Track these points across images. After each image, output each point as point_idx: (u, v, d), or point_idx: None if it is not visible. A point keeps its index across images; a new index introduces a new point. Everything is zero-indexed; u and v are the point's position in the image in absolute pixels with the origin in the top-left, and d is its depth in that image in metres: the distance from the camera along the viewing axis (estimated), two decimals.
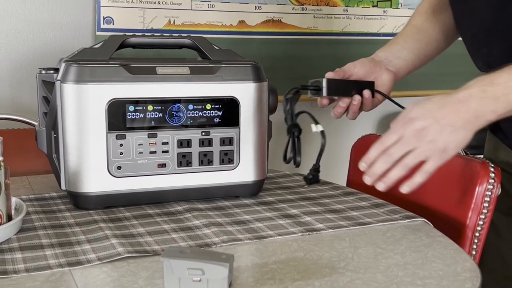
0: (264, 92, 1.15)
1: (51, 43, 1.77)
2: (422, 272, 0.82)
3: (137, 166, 1.07)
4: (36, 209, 1.07)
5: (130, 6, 1.81)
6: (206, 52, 1.17)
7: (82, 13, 1.79)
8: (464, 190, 1.13)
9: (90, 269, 0.81)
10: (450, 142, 0.93)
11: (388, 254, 0.88)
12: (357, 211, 1.09)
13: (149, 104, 1.06)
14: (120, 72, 1.05)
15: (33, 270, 0.80)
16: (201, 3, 1.89)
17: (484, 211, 1.11)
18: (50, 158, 1.12)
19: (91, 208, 1.07)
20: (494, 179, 1.11)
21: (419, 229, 1.00)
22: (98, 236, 0.93)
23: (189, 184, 1.11)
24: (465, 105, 0.92)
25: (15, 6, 1.72)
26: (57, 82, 1.05)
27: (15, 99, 1.76)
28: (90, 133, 1.04)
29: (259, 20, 1.99)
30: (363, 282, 0.78)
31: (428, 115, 0.94)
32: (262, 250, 0.90)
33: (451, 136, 0.93)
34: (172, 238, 0.93)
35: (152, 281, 0.78)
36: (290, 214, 1.06)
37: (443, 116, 0.93)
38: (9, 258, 0.84)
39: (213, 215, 1.05)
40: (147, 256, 0.86)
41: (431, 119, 0.93)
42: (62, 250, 0.87)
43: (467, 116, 0.92)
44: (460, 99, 0.92)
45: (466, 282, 0.79)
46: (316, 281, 0.78)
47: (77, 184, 1.06)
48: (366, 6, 2.16)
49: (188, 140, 1.10)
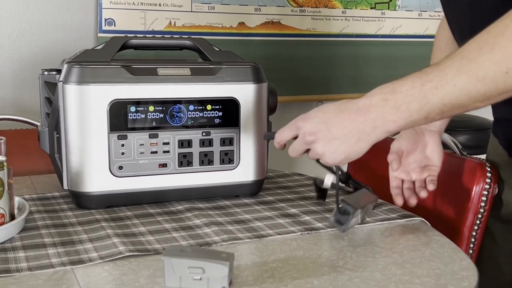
0: (264, 93, 1.15)
1: (53, 44, 1.77)
2: (420, 270, 0.82)
3: (138, 166, 1.07)
4: (38, 208, 1.07)
5: (131, 8, 1.81)
6: (206, 53, 1.17)
7: (84, 15, 1.79)
8: (462, 190, 1.13)
9: (92, 268, 0.81)
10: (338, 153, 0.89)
11: (386, 253, 0.88)
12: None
13: (150, 104, 1.06)
14: (122, 73, 1.04)
15: (36, 268, 0.80)
16: (201, 5, 1.89)
17: (481, 211, 1.11)
18: (52, 158, 1.12)
19: (93, 207, 1.07)
20: (491, 179, 1.11)
21: (417, 228, 1.00)
22: (100, 235, 0.93)
23: (189, 184, 1.11)
24: (364, 114, 0.85)
25: (18, 8, 1.72)
26: (59, 83, 1.05)
27: (18, 99, 1.76)
28: (92, 134, 1.04)
29: (258, 22, 1.99)
30: (361, 281, 0.78)
31: (322, 119, 0.89)
32: (262, 249, 0.90)
33: (340, 147, 0.88)
34: (173, 237, 0.93)
35: (153, 279, 0.78)
36: (289, 213, 1.06)
37: (336, 123, 0.88)
38: (12, 257, 0.84)
39: (214, 214, 1.05)
40: (148, 255, 0.86)
41: (323, 125, 0.89)
42: (64, 249, 0.87)
43: (363, 127, 0.86)
44: (360, 107, 0.86)
45: (463, 281, 0.79)
46: (315, 280, 0.78)
47: (79, 183, 1.05)
48: (364, 8, 2.16)
49: (188, 140, 1.10)
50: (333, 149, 0.89)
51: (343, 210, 0.87)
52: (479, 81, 0.77)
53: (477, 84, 0.77)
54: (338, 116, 0.88)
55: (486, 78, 0.77)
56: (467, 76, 0.78)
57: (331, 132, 0.88)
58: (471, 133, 1.86)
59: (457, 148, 1.48)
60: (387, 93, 0.84)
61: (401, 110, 0.82)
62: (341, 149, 0.88)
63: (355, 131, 0.86)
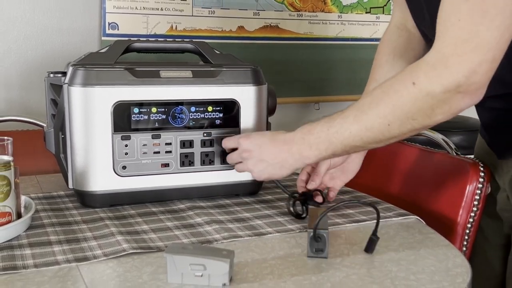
0: (263, 95, 1.14)
1: (59, 48, 1.77)
2: (415, 267, 0.82)
3: (141, 166, 1.07)
4: (44, 207, 1.06)
5: (134, 13, 1.80)
6: (207, 56, 1.17)
7: (88, 19, 1.79)
8: (455, 189, 1.13)
9: (97, 265, 0.81)
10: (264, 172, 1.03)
11: (382, 250, 0.88)
12: (352, 209, 1.08)
13: (153, 106, 1.06)
14: (125, 76, 1.04)
15: (42, 265, 0.79)
16: (202, 10, 1.89)
17: (474, 209, 1.10)
18: (58, 158, 1.12)
19: (97, 206, 1.06)
20: (483, 178, 1.11)
21: (412, 226, 1.00)
22: (104, 233, 0.93)
23: (191, 183, 1.11)
24: (288, 146, 0.99)
25: (25, 12, 1.72)
26: (64, 85, 1.04)
27: (25, 101, 1.75)
28: (96, 134, 1.03)
29: (257, 26, 1.98)
30: (358, 278, 0.78)
31: (258, 141, 1.02)
32: (261, 247, 0.89)
33: (267, 169, 1.02)
34: (175, 235, 0.93)
35: (155, 276, 0.77)
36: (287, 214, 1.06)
37: (267, 149, 1.01)
38: (19, 254, 0.83)
39: (214, 212, 1.05)
40: (151, 252, 0.85)
41: (257, 146, 1.02)
42: (69, 247, 0.87)
43: (286, 156, 0.99)
44: (286, 140, 1.00)
45: (457, 277, 0.79)
46: (313, 276, 0.78)
47: (84, 183, 1.05)
48: (360, 13, 2.16)
49: (190, 140, 1.09)
50: (260, 168, 1.02)
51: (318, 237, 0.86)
52: (368, 130, 0.90)
53: (367, 132, 0.90)
54: (270, 143, 1.02)
55: (374, 128, 0.89)
56: (359, 126, 0.91)
57: (262, 154, 1.02)
58: (464, 133, 1.85)
59: (451, 148, 1.48)
60: (305, 133, 0.98)
61: (313, 149, 0.96)
62: (267, 170, 1.02)
63: (279, 158, 1.00)
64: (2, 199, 0.88)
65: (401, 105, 0.86)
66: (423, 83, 0.83)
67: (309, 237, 0.85)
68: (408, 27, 1.18)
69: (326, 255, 0.85)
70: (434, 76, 0.82)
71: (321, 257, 0.85)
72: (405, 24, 1.19)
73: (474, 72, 0.80)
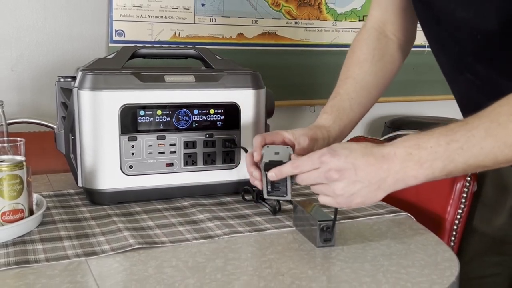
0: (262, 98, 1.14)
1: (68, 53, 1.76)
2: (405, 261, 0.81)
3: (147, 165, 1.06)
4: (55, 204, 1.06)
5: (139, 20, 1.80)
6: (209, 61, 1.17)
7: (96, 27, 1.79)
8: (444, 187, 1.13)
9: (105, 259, 0.80)
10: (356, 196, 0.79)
11: (375, 245, 0.88)
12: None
13: (158, 109, 1.06)
14: (132, 80, 1.04)
15: (53, 259, 0.79)
16: (204, 18, 1.89)
17: (462, 206, 1.10)
18: (68, 158, 1.12)
19: (105, 203, 1.06)
20: (470, 176, 1.10)
21: (403, 222, 1.00)
22: (112, 229, 0.93)
23: (194, 182, 1.11)
24: (388, 163, 0.77)
25: (37, 20, 1.72)
26: (74, 89, 1.04)
27: (36, 104, 1.75)
28: (104, 135, 1.03)
29: (256, 33, 1.98)
30: (352, 271, 0.78)
31: (351, 159, 0.78)
32: (261, 242, 0.89)
33: (360, 192, 0.78)
34: (179, 231, 0.93)
35: (160, 269, 0.77)
36: (286, 209, 1.06)
37: (363, 166, 0.77)
38: (31, 248, 0.83)
39: (216, 210, 1.05)
40: (156, 247, 0.85)
41: (351, 165, 0.77)
42: (79, 242, 0.86)
43: (386, 176, 0.77)
44: (384, 155, 0.77)
45: (445, 271, 0.79)
46: (310, 270, 0.78)
47: (92, 181, 1.05)
48: (353, 20, 2.16)
49: (193, 141, 1.09)
50: (353, 191, 0.78)
51: (326, 228, 0.85)
52: (507, 147, 0.70)
53: (505, 149, 0.71)
54: (365, 159, 0.77)
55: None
56: (494, 141, 0.71)
57: (357, 174, 0.77)
58: None
59: None
60: (412, 147, 0.76)
61: (424, 167, 0.75)
62: (361, 193, 0.78)
63: (377, 178, 0.77)
64: (15, 197, 0.88)
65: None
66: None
67: (318, 229, 0.85)
68: (385, 32, 1.10)
69: (333, 243, 0.86)
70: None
71: (329, 246, 0.85)
72: (383, 27, 1.10)
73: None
